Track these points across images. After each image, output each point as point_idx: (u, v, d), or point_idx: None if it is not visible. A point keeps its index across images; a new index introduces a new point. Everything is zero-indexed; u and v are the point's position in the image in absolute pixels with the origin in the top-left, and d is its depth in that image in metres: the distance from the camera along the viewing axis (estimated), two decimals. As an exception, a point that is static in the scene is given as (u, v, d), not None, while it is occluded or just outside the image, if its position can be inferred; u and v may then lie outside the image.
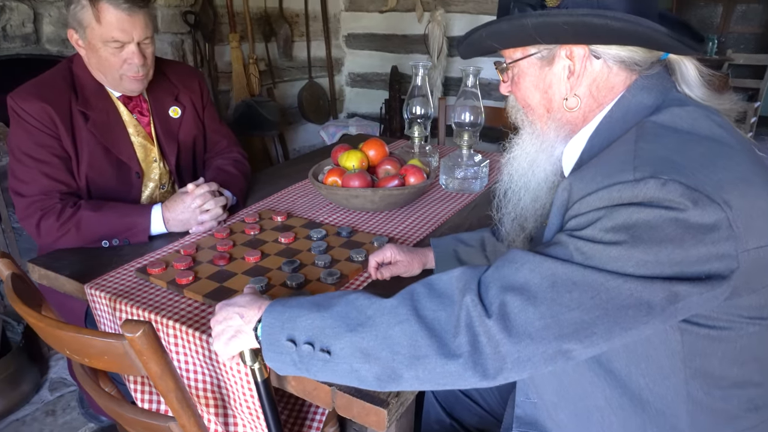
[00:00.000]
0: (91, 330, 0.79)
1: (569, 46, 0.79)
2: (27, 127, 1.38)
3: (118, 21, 1.36)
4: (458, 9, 3.88)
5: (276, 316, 0.80)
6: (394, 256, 1.17)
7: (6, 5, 2.15)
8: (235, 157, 1.75)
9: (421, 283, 0.77)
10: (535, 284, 0.68)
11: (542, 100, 0.85)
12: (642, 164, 0.68)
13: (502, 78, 0.91)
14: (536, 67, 0.83)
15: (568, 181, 0.75)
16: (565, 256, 0.69)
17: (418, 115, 1.86)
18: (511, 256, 0.73)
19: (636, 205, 0.66)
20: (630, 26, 0.72)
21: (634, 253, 0.65)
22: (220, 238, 1.37)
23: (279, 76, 3.86)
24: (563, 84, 0.82)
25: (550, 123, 0.86)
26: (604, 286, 0.66)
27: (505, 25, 0.79)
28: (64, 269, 1.29)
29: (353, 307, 0.77)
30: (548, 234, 0.80)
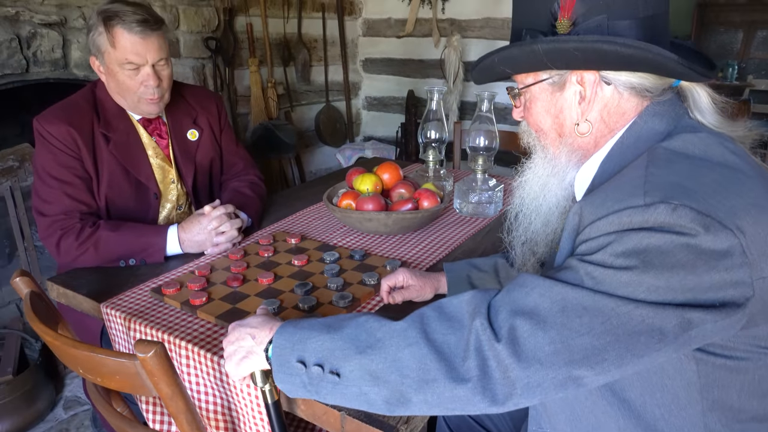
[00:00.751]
0: (104, 349, 0.80)
1: (580, 71, 0.80)
2: (51, 149, 1.43)
3: (132, 44, 1.40)
4: (474, 35, 3.92)
5: (287, 338, 0.81)
6: (406, 281, 1.17)
7: (37, 32, 2.23)
8: (251, 179, 1.77)
9: (431, 307, 0.77)
10: (545, 309, 0.68)
11: (554, 124, 0.86)
12: (652, 189, 0.67)
13: (514, 103, 0.92)
14: (548, 92, 0.84)
15: (579, 206, 0.75)
16: (575, 280, 0.69)
17: (432, 139, 1.87)
18: (521, 280, 0.73)
19: (646, 230, 0.66)
20: (640, 53, 0.72)
21: (645, 279, 0.64)
22: (234, 260, 1.38)
23: (297, 99, 3.92)
24: (574, 109, 0.82)
25: (561, 147, 0.86)
26: (615, 311, 0.65)
27: (517, 51, 0.80)
28: (82, 288, 1.31)
29: (363, 329, 0.77)
30: (559, 258, 0.80)
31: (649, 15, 0.76)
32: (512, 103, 0.92)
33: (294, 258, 1.37)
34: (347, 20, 4.24)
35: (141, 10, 1.42)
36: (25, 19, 2.19)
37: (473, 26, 3.91)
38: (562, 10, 0.76)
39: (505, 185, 1.85)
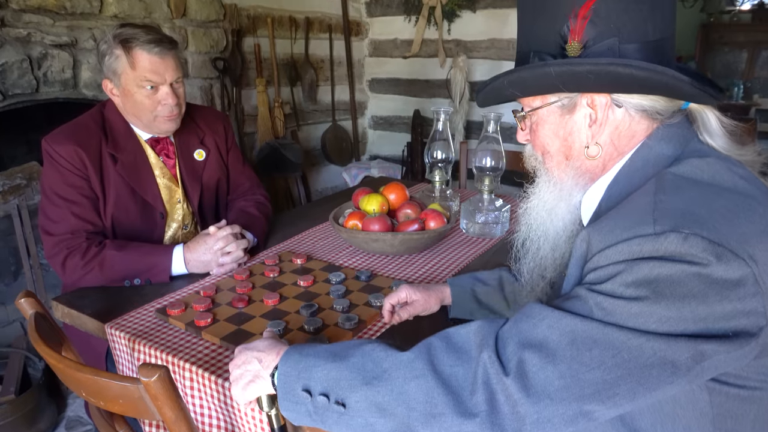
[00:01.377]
0: (107, 373, 0.79)
1: (590, 94, 0.79)
2: (59, 169, 1.43)
3: (152, 64, 1.42)
4: (480, 55, 3.95)
5: (292, 365, 0.79)
6: (409, 296, 1.16)
7: (48, 53, 2.26)
8: (257, 199, 1.78)
9: (438, 336, 0.76)
10: (554, 341, 0.67)
11: (562, 147, 0.85)
12: (662, 217, 0.66)
13: (520, 126, 0.91)
14: (556, 114, 0.83)
15: (587, 233, 0.74)
16: (584, 311, 0.67)
17: (439, 160, 1.87)
18: (529, 311, 0.71)
19: (657, 259, 0.64)
20: (656, 76, 0.71)
21: (656, 309, 0.63)
22: (240, 280, 1.37)
23: (303, 118, 3.95)
24: (584, 132, 0.81)
25: (568, 171, 0.85)
26: (626, 344, 0.64)
27: (528, 74, 0.79)
28: (87, 308, 1.30)
29: (369, 358, 0.76)
30: (567, 286, 0.78)
31: (657, 38, 0.76)
32: (518, 126, 0.92)
33: (300, 278, 1.36)
34: (354, 41, 4.28)
35: (153, 32, 1.44)
36: (37, 40, 2.22)
37: (479, 47, 3.95)
38: (572, 33, 0.76)
39: (511, 205, 1.84)
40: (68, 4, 2.28)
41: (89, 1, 2.36)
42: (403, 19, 4.23)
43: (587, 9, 0.74)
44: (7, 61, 2.13)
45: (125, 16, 2.51)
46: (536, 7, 0.80)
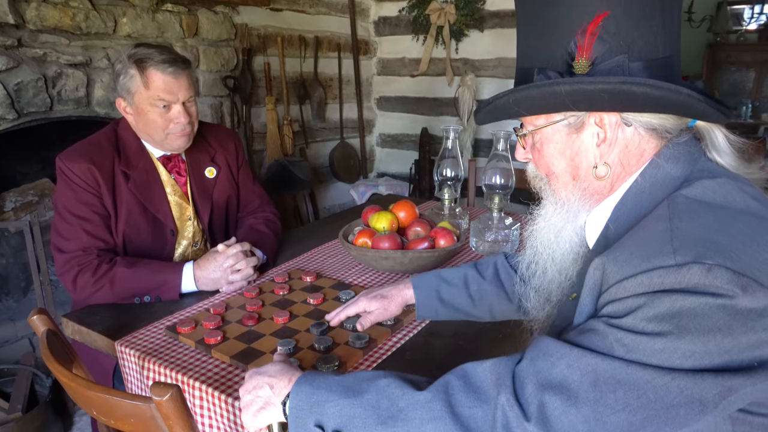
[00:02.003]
0: (118, 391, 0.79)
1: (599, 113, 0.77)
2: (72, 186, 1.45)
3: (165, 84, 1.44)
4: (487, 74, 3.98)
5: (304, 398, 0.78)
6: (366, 308, 1.17)
7: (63, 72, 2.30)
8: (267, 216, 1.78)
9: (456, 375, 0.74)
10: (575, 382, 0.65)
11: (568, 167, 0.82)
12: (682, 246, 0.64)
13: (520, 144, 0.88)
14: (562, 133, 0.81)
15: (601, 261, 0.71)
16: (604, 348, 0.65)
17: (448, 178, 1.87)
18: (545, 347, 0.69)
19: (679, 292, 0.62)
20: (671, 95, 0.70)
21: (680, 345, 0.61)
22: (250, 298, 1.37)
23: (312, 136, 3.98)
24: (592, 151, 0.79)
25: (575, 191, 0.83)
26: (651, 384, 0.61)
27: (535, 92, 0.76)
28: (97, 325, 1.30)
29: (384, 395, 0.74)
30: (580, 316, 0.76)
31: (666, 55, 0.75)
32: (517, 143, 0.89)
33: (309, 296, 1.36)
34: (362, 59, 4.33)
35: (167, 52, 1.46)
36: (52, 60, 2.26)
37: (486, 66, 3.98)
38: (580, 50, 0.74)
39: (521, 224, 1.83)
40: (84, 25, 2.32)
41: (104, 22, 2.41)
42: (411, 39, 4.27)
43: (596, 25, 0.73)
44: (23, 80, 2.17)
45: (139, 35, 2.55)
46: (541, 22, 0.78)
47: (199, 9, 2.88)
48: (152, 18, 2.61)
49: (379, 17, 4.39)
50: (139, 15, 2.55)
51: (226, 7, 3.03)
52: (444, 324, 1.27)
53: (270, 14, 3.44)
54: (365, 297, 1.18)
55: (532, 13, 0.79)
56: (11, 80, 2.14)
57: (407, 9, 4.20)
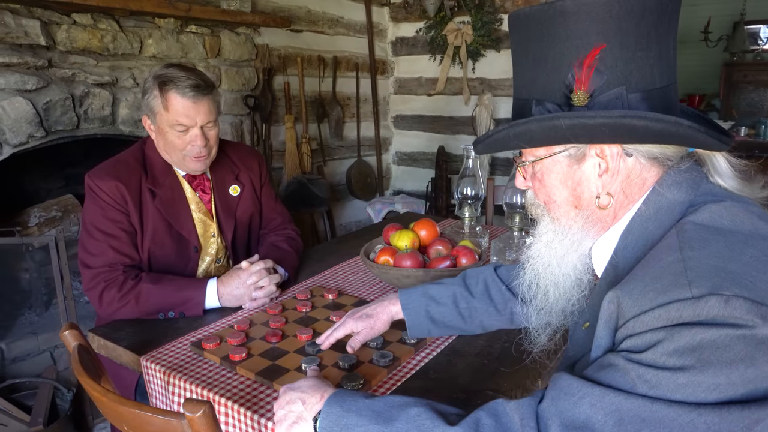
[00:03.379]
0: (150, 407, 0.80)
1: (599, 144, 0.77)
2: (101, 203, 1.48)
3: (184, 108, 1.47)
4: (504, 93, 4.00)
5: (334, 420, 0.79)
6: (352, 330, 1.16)
7: (90, 91, 2.36)
8: (288, 234, 1.80)
9: (487, 412, 0.74)
10: (599, 422, 0.64)
11: (570, 197, 0.82)
12: (697, 278, 0.64)
13: (520, 173, 0.88)
14: (563, 164, 0.81)
15: (615, 295, 0.71)
16: (626, 385, 0.65)
17: (468, 196, 1.88)
18: (567, 387, 0.69)
19: (699, 325, 0.62)
20: (672, 127, 0.70)
21: (703, 378, 0.61)
22: (273, 315, 1.38)
23: (329, 154, 4.02)
24: (594, 181, 0.79)
25: (578, 220, 0.83)
26: (677, 421, 0.61)
27: (535, 126, 0.76)
28: (122, 340, 1.32)
29: (414, 426, 0.74)
30: (597, 350, 0.75)
31: (664, 85, 0.76)
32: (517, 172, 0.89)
33: (332, 314, 1.36)
34: (379, 79, 4.38)
35: (194, 75, 1.49)
36: (80, 80, 2.32)
37: (502, 85, 4.00)
38: (578, 83, 0.74)
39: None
40: (111, 46, 2.39)
41: (130, 43, 2.47)
42: (428, 58, 4.32)
43: (593, 58, 0.73)
44: (52, 99, 2.22)
45: (164, 56, 2.61)
46: (537, 55, 0.78)
47: (221, 30, 2.94)
48: (177, 39, 2.68)
49: (396, 37, 4.45)
50: (164, 36, 2.62)
51: (248, 29, 3.09)
52: (467, 343, 1.27)
53: (290, 35, 3.51)
54: (351, 318, 1.17)
55: (527, 46, 0.79)
56: (41, 99, 2.20)
57: (424, 30, 4.25)
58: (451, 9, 4.00)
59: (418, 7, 4.20)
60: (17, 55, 2.07)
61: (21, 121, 2.13)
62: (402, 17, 4.37)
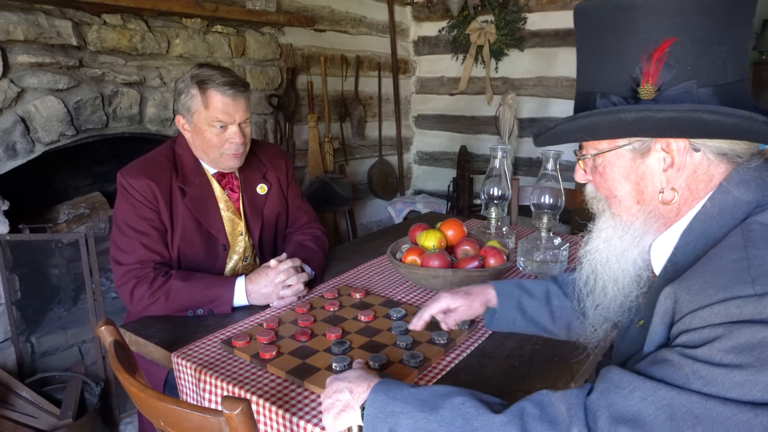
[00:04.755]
0: (188, 404, 0.80)
1: (666, 138, 0.76)
2: (132, 201, 1.50)
3: (224, 105, 1.49)
4: (527, 93, 3.97)
5: (379, 407, 0.79)
6: (451, 304, 1.13)
7: (119, 91, 2.39)
8: (314, 233, 1.80)
9: (532, 402, 0.74)
10: (649, 416, 0.63)
11: (632, 191, 0.81)
12: (760, 276, 0.63)
13: (581, 166, 0.87)
14: (626, 158, 0.80)
15: (672, 290, 0.70)
16: (680, 381, 0.64)
17: (495, 197, 1.87)
18: (617, 380, 0.68)
19: (760, 323, 0.60)
20: (744, 122, 0.68)
21: (761, 378, 0.59)
22: (301, 313, 1.39)
23: (351, 153, 4.02)
24: (658, 176, 0.78)
25: (639, 215, 0.82)
26: (732, 420, 0.60)
27: (600, 119, 0.76)
28: (153, 337, 1.33)
29: (459, 414, 0.74)
30: (650, 346, 0.74)
31: (735, 80, 0.74)
32: (578, 165, 0.88)
33: (360, 313, 1.36)
34: (401, 78, 4.37)
35: (228, 74, 1.51)
36: (109, 79, 2.35)
37: (526, 84, 3.97)
38: (646, 76, 0.73)
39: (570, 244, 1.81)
40: (140, 46, 2.42)
41: (158, 43, 2.50)
42: (451, 58, 4.30)
43: (662, 51, 0.72)
44: (82, 98, 2.26)
45: (190, 56, 2.64)
46: (603, 48, 0.77)
47: (246, 30, 2.96)
48: (203, 39, 2.70)
49: (418, 37, 4.44)
50: (191, 36, 2.64)
51: (273, 28, 3.11)
52: (498, 344, 1.26)
53: (314, 35, 3.52)
54: (447, 294, 1.14)
55: (594, 38, 0.78)
56: (71, 98, 2.23)
57: (447, 29, 4.23)
58: (474, 8, 3.98)
59: (441, 7, 4.19)
60: (50, 55, 2.11)
61: (53, 119, 2.17)
62: (424, 16, 4.36)
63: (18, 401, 1.99)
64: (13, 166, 2.11)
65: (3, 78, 2.01)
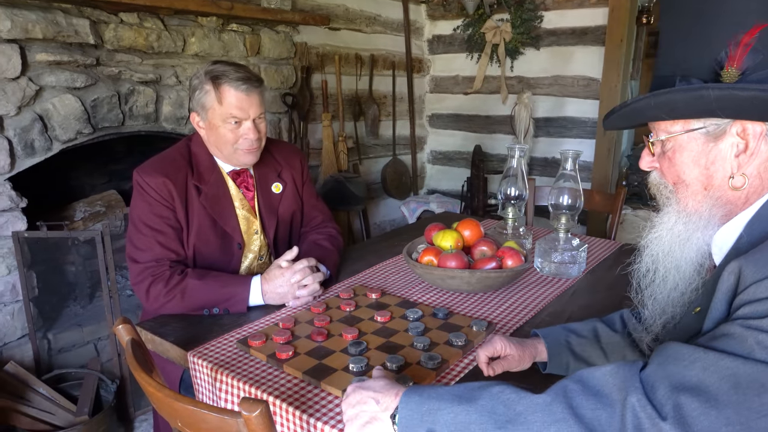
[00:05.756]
0: (206, 404, 0.80)
1: (742, 122, 0.75)
2: (148, 199, 1.50)
3: (238, 100, 1.48)
4: (542, 92, 3.93)
5: (414, 408, 0.78)
6: (504, 350, 1.08)
7: (135, 89, 2.40)
8: (329, 232, 1.79)
9: (571, 380, 0.73)
10: (713, 385, 0.62)
11: (701, 176, 0.80)
12: None
13: (650, 150, 0.87)
14: (698, 141, 0.79)
15: (737, 264, 0.69)
16: (743, 351, 0.62)
17: (512, 197, 1.84)
18: (675, 352, 0.67)
19: None
20: None
21: None
22: (317, 313, 1.38)
23: (365, 152, 4.01)
24: (729, 161, 0.77)
25: (706, 201, 0.81)
26: None
27: (679, 96, 0.75)
28: (169, 335, 1.33)
29: (499, 401, 0.73)
30: (709, 323, 0.73)
31: None
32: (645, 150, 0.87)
33: (376, 314, 1.35)
34: (415, 77, 4.35)
35: (242, 70, 1.51)
36: (126, 78, 2.36)
37: (541, 84, 3.93)
38: (731, 60, 0.73)
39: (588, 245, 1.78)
40: (156, 44, 2.42)
41: (174, 41, 2.51)
42: (465, 57, 4.27)
43: (751, 36, 0.72)
44: (99, 96, 2.27)
45: (206, 54, 2.64)
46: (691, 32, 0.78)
47: (261, 29, 2.96)
48: (218, 37, 2.70)
49: (433, 36, 4.42)
50: (207, 35, 2.65)
51: (287, 27, 3.11)
52: (516, 347, 1.23)
53: (328, 33, 3.51)
54: (503, 339, 1.09)
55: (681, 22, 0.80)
56: (89, 97, 2.25)
57: (462, 27, 4.20)
58: (490, 6, 3.95)
59: (457, 5, 4.16)
60: (67, 53, 2.12)
61: (70, 117, 2.18)
62: (439, 15, 4.34)
63: (35, 397, 2.00)
64: (32, 164, 2.12)
65: (22, 76, 2.02)
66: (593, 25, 3.62)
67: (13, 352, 2.15)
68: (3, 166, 2.02)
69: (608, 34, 3.52)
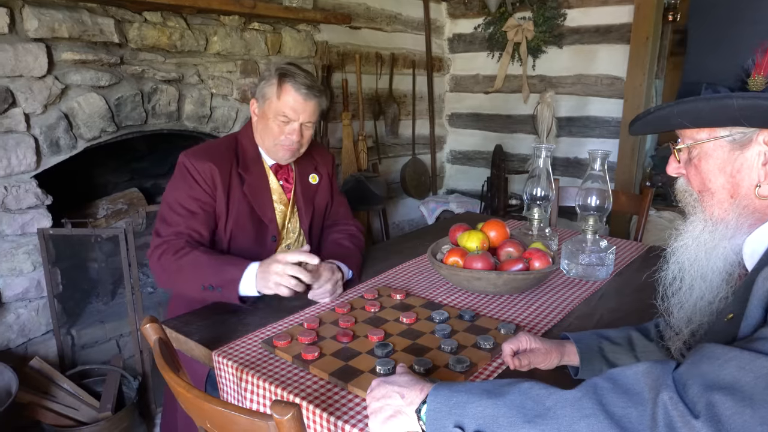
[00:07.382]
0: (236, 406, 0.79)
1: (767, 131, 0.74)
2: (190, 182, 1.54)
3: (294, 101, 1.53)
4: (565, 91, 3.88)
5: (442, 401, 0.77)
6: (530, 344, 1.07)
7: (158, 88, 2.41)
8: (350, 231, 1.80)
9: (602, 378, 0.72)
10: (747, 384, 0.60)
11: (727, 184, 0.79)
12: None
13: (675, 158, 0.86)
14: (724, 149, 0.78)
15: None
16: None
17: (538, 197, 1.81)
18: (709, 352, 0.66)
19: None
20: None
21: None
22: (342, 314, 1.36)
23: (384, 152, 4.00)
24: (756, 170, 0.76)
25: (733, 210, 0.80)
26: None
27: (703, 105, 0.75)
28: (194, 334, 1.33)
29: (528, 396, 0.73)
30: (746, 329, 0.71)
31: None
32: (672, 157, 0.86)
33: (402, 315, 1.33)
34: (436, 76, 4.32)
35: (310, 77, 1.57)
36: (149, 76, 2.37)
37: (564, 83, 3.87)
38: (758, 67, 0.72)
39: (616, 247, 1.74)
40: (179, 43, 2.43)
41: (196, 40, 2.51)
42: (486, 55, 4.23)
43: None
44: (123, 95, 2.29)
45: (227, 53, 2.65)
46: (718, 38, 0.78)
47: (283, 27, 2.96)
48: (240, 36, 2.71)
49: (453, 34, 4.39)
50: (229, 34, 2.65)
51: (308, 26, 3.10)
52: (545, 351, 1.21)
53: (349, 32, 3.50)
54: (528, 335, 1.08)
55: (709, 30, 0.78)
56: (113, 95, 2.26)
57: (483, 26, 4.17)
58: (512, 4, 3.90)
59: (478, 3, 4.12)
60: (92, 52, 2.14)
61: (94, 116, 2.20)
62: (460, 13, 4.30)
63: (59, 393, 2.02)
64: (57, 162, 2.14)
65: (48, 75, 2.04)
66: (618, 22, 3.56)
67: (38, 348, 2.18)
68: (29, 163, 2.04)
69: (633, 32, 3.45)
